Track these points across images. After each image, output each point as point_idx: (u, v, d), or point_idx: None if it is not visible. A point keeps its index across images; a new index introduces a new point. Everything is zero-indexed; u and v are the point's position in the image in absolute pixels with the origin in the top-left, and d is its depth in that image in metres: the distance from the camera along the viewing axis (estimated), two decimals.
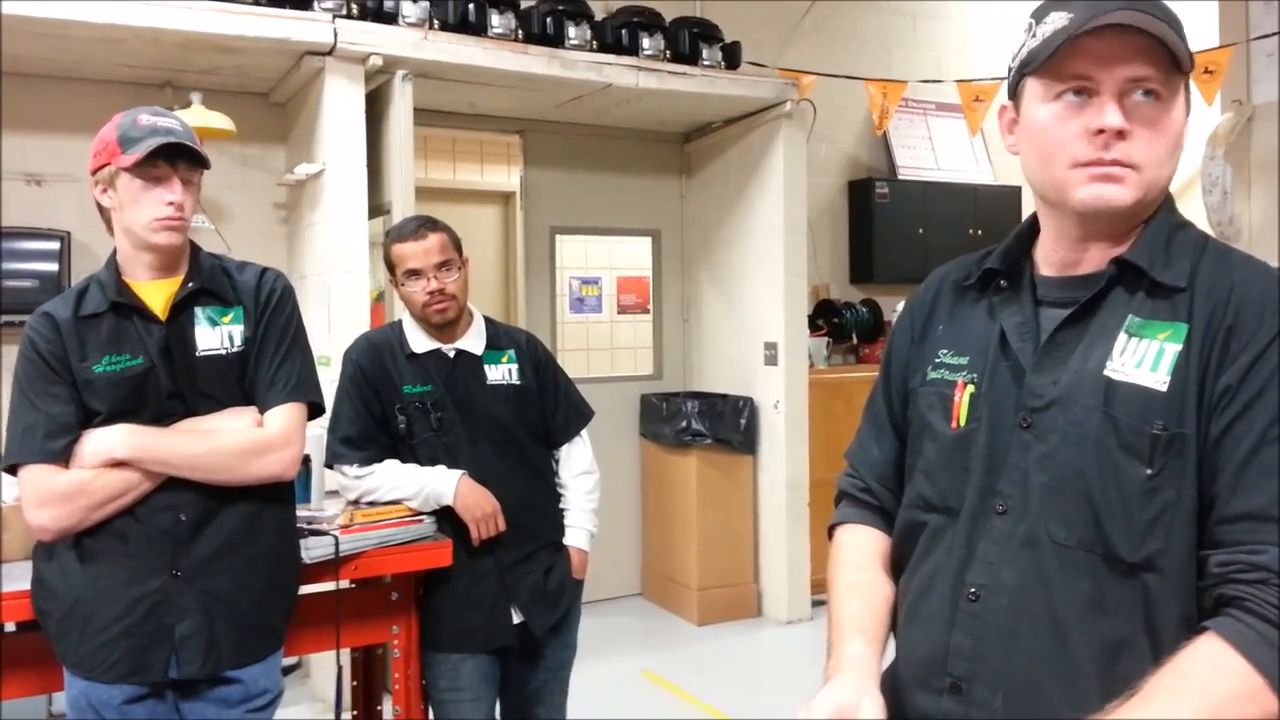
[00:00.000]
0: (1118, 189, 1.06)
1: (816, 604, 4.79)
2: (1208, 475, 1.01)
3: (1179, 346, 1.04)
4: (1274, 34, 4.21)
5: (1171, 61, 1.04)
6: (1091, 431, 1.05)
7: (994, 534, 1.11)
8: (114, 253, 1.89)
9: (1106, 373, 1.06)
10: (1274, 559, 0.95)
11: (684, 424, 4.72)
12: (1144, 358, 1.05)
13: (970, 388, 1.16)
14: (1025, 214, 1.24)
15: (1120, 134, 1.04)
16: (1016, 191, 5.57)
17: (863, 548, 1.29)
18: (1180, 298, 1.06)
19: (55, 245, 3.56)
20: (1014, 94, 1.15)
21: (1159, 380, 1.03)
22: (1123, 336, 1.07)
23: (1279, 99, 4.51)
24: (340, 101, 3.61)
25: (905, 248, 5.47)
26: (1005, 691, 1.08)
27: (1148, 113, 1.05)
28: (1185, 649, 0.97)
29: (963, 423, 1.16)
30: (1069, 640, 1.05)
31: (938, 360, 1.22)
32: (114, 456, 1.75)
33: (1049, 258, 1.17)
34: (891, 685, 1.19)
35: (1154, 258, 1.08)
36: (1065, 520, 1.06)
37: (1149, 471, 1.02)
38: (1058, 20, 1.06)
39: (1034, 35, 1.09)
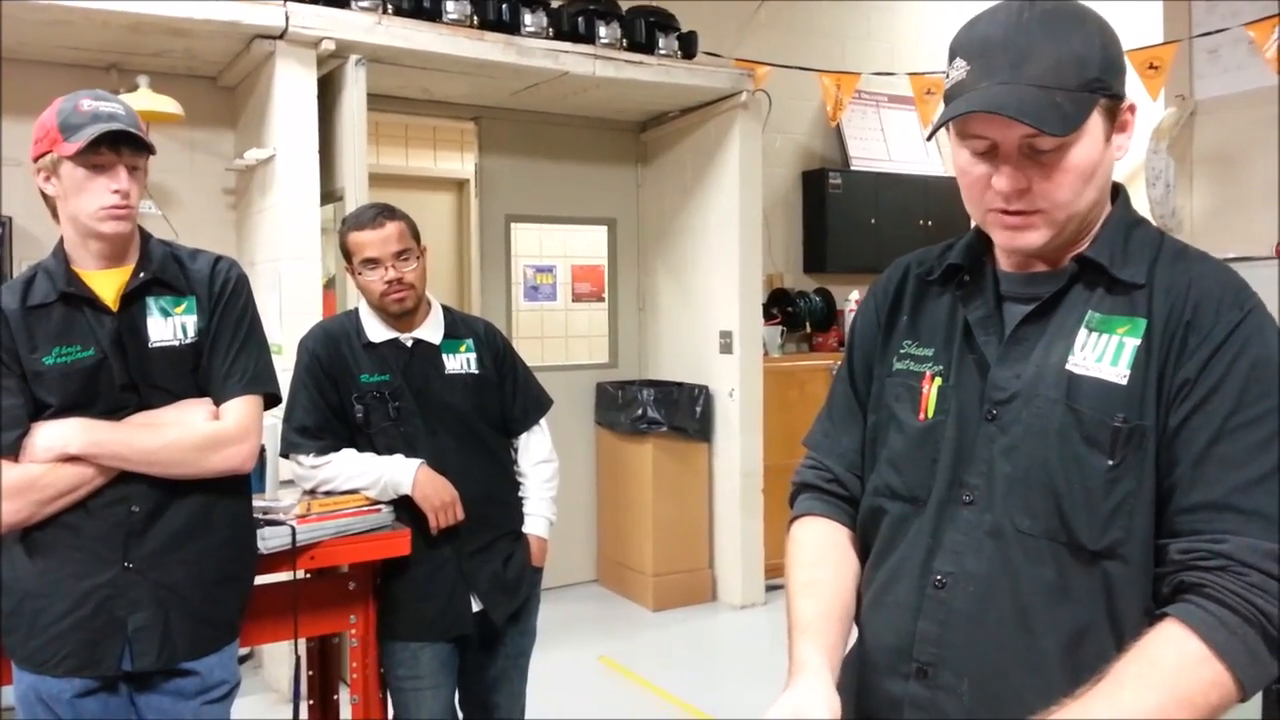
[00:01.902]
0: (1029, 234, 1.10)
1: (771, 589, 4.85)
2: (1166, 466, 1.04)
3: (1138, 341, 1.06)
4: (1216, 31, 4.32)
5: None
6: (1054, 424, 1.07)
7: (961, 524, 1.13)
8: (61, 240, 1.85)
9: (1068, 367, 1.08)
10: (1235, 547, 0.98)
11: (640, 412, 4.74)
12: (1104, 352, 1.07)
13: (938, 380, 1.18)
14: None
15: (1019, 191, 1.07)
16: None
17: (819, 542, 1.28)
18: (1139, 294, 1.09)
19: None
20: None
21: (1119, 374, 1.06)
22: (1083, 332, 1.09)
23: (1220, 94, 4.63)
24: (291, 86, 3.55)
25: (858, 238, 5.53)
26: (971, 676, 1.10)
27: (1049, 160, 1.06)
28: (1149, 635, 0.99)
29: (930, 414, 1.18)
30: (1033, 627, 1.07)
31: (902, 351, 1.23)
32: (68, 451, 1.72)
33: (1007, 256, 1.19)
34: (857, 669, 1.22)
35: (1114, 255, 1.11)
36: (1029, 510, 1.08)
37: (1110, 462, 1.04)
38: (958, 71, 1.08)
39: (948, 76, 1.11)
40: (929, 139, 1.15)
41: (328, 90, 3.71)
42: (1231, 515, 0.99)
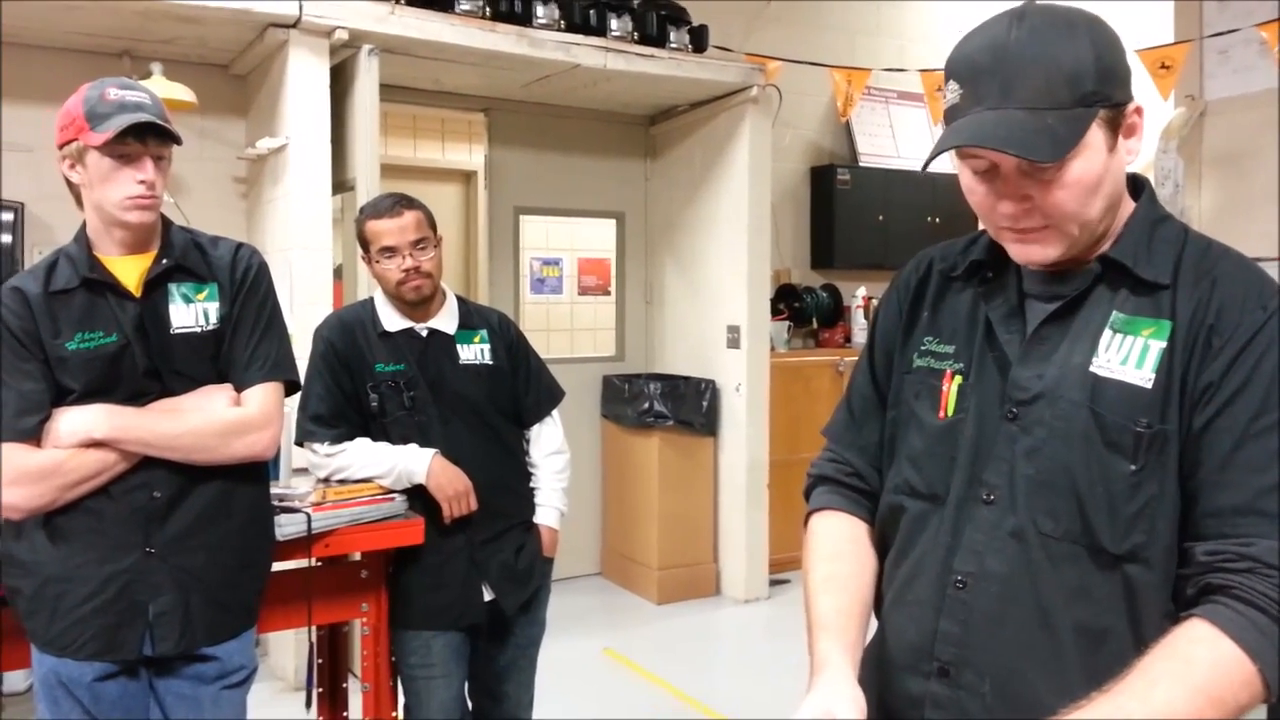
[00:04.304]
0: (1041, 248, 1.09)
1: (774, 583, 4.86)
2: (1189, 468, 1.04)
3: (1164, 343, 1.06)
4: (1227, 32, 4.32)
5: None
6: (1078, 427, 1.07)
7: (980, 523, 1.13)
8: (83, 226, 1.85)
9: (1092, 369, 1.08)
10: (1262, 550, 0.98)
11: (646, 405, 4.74)
12: (1129, 355, 1.07)
13: (958, 378, 1.17)
14: None
15: (1024, 209, 1.06)
16: None
17: (838, 537, 1.28)
18: (1163, 294, 1.08)
19: (9, 217, 3.46)
20: None
21: (1144, 377, 1.06)
22: (1107, 333, 1.09)
23: (1230, 95, 4.63)
24: (304, 75, 3.55)
25: (865, 234, 5.54)
26: (992, 676, 1.10)
27: (1049, 177, 1.04)
28: (1178, 632, 0.99)
29: (950, 413, 1.17)
30: (1054, 628, 1.08)
31: (923, 347, 1.23)
32: (92, 436, 1.73)
33: None
34: (876, 666, 1.22)
35: (1138, 255, 1.10)
36: (1052, 513, 1.08)
37: (1133, 467, 1.05)
38: (952, 94, 1.07)
39: (945, 96, 1.10)
40: (924, 169, 1.15)
41: (340, 80, 3.71)
42: (1257, 519, 1.00)
